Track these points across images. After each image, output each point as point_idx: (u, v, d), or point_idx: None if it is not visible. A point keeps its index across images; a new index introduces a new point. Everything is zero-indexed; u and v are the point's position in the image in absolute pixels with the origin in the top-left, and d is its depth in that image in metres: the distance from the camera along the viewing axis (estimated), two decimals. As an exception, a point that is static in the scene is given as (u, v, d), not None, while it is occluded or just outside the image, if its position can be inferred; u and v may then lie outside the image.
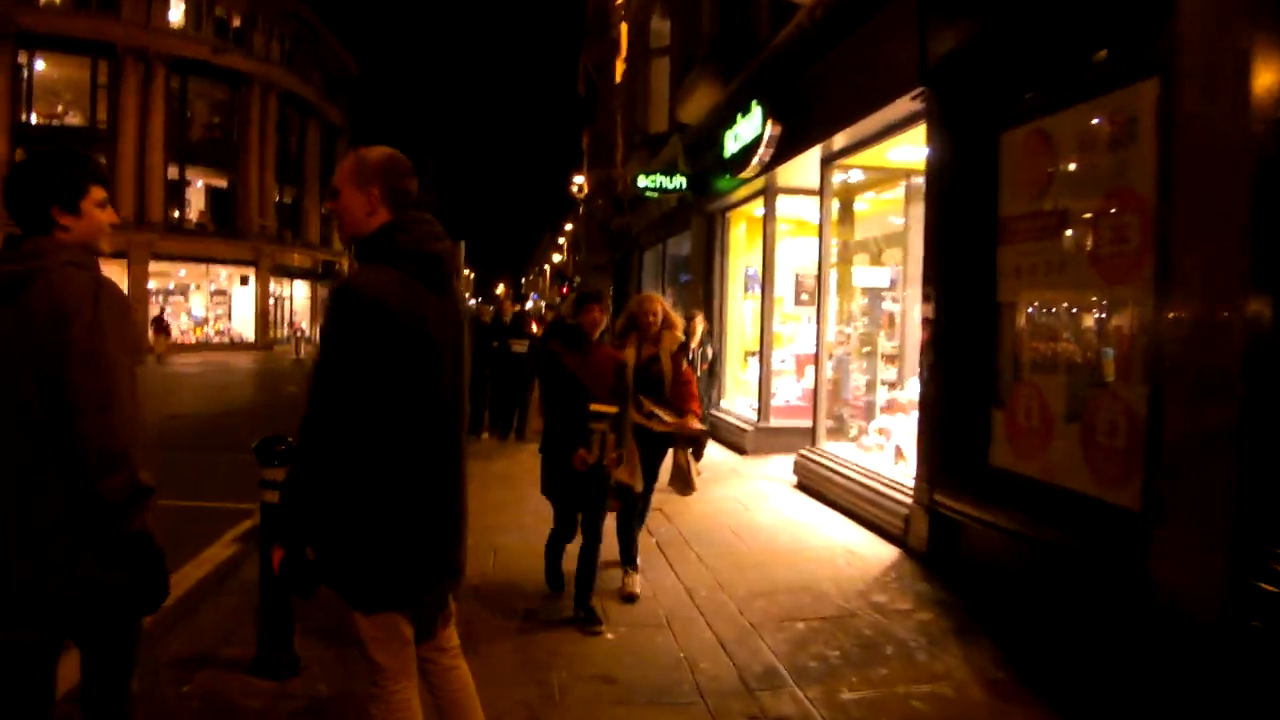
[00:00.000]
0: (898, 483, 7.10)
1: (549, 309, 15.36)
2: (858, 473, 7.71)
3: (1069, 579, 4.69)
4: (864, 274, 9.35)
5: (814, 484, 8.44)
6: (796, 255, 11.80)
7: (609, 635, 4.80)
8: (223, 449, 10.29)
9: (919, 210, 8.57)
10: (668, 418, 5.58)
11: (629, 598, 5.40)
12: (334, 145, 47.11)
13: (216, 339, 37.33)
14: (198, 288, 38.27)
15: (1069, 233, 5.13)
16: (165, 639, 4.35)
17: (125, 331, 2.39)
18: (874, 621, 4.97)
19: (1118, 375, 4.70)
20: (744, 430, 11.10)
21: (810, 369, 11.44)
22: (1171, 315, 4.06)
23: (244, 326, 38.40)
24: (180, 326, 35.89)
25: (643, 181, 13.19)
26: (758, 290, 12.86)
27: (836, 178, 9.08)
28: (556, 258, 66.72)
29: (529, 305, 42.36)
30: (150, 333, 31.82)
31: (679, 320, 6.02)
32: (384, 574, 2.47)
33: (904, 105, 6.75)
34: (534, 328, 12.95)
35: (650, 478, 5.78)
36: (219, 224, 37.80)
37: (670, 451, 5.84)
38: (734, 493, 8.61)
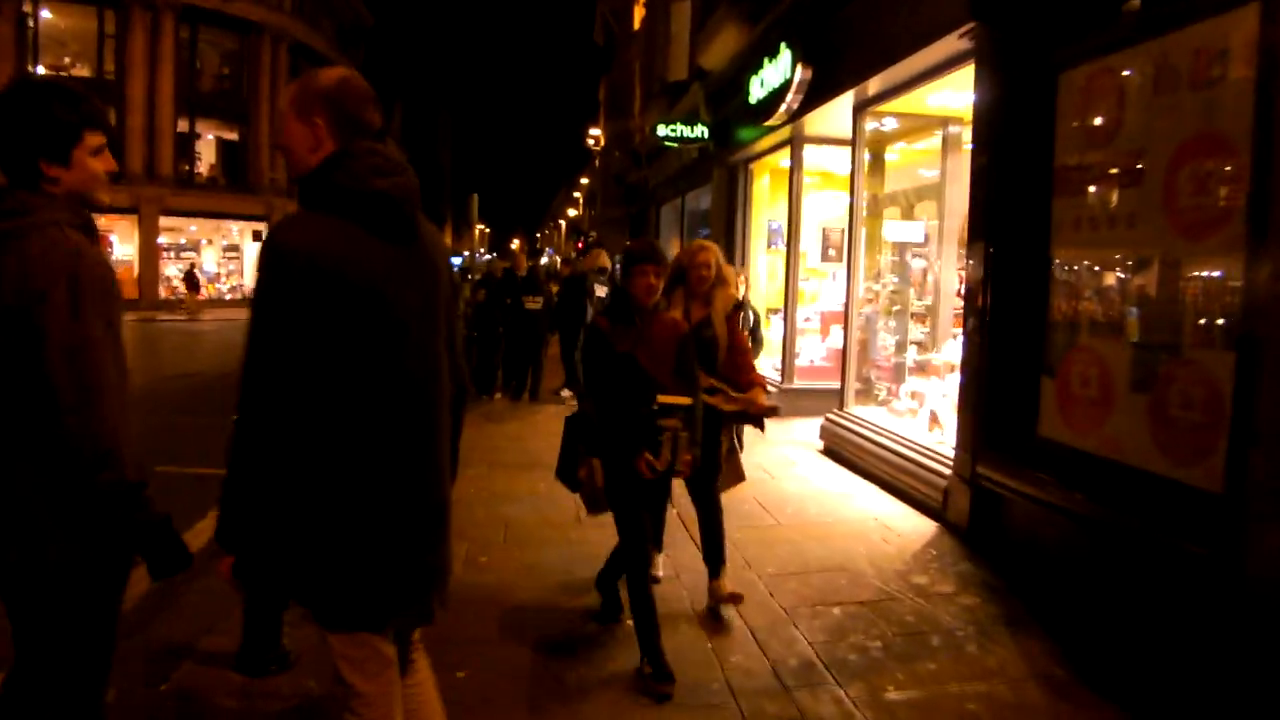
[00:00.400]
0: (935, 452, 6.67)
1: (565, 264, 14.90)
2: (891, 439, 7.28)
3: (1131, 564, 4.26)
4: (896, 228, 8.83)
5: (843, 450, 8.02)
6: (821, 209, 11.31)
7: (628, 621, 4.42)
8: (229, 410, 9.94)
9: (956, 161, 8.10)
10: (733, 393, 4.67)
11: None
12: (346, 97, 46.36)
13: (230, 295, 37.01)
14: (209, 243, 37.88)
15: (1139, 182, 4.63)
16: (146, 628, 4.00)
17: (108, 308, 2.09)
18: (916, 607, 4.57)
19: (1196, 340, 4.23)
20: (768, 391, 10.65)
21: (836, 328, 11.00)
22: (1268, 273, 3.58)
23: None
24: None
25: (662, 131, 12.64)
26: (781, 245, 12.37)
27: (869, 126, 8.54)
28: (572, 212, 66.09)
29: (543, 260, 41.87)
30: (183, 287, 32.23)
31: (734, 275, 5.11)
32: (353, 584, 2.07)
33: (950, 44, 6.20)
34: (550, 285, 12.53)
35: (712, 466, 4.79)
36: (230, 178, 37.29)
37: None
38: (758, 459, 8.19)
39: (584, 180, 54.22)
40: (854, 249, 8.54)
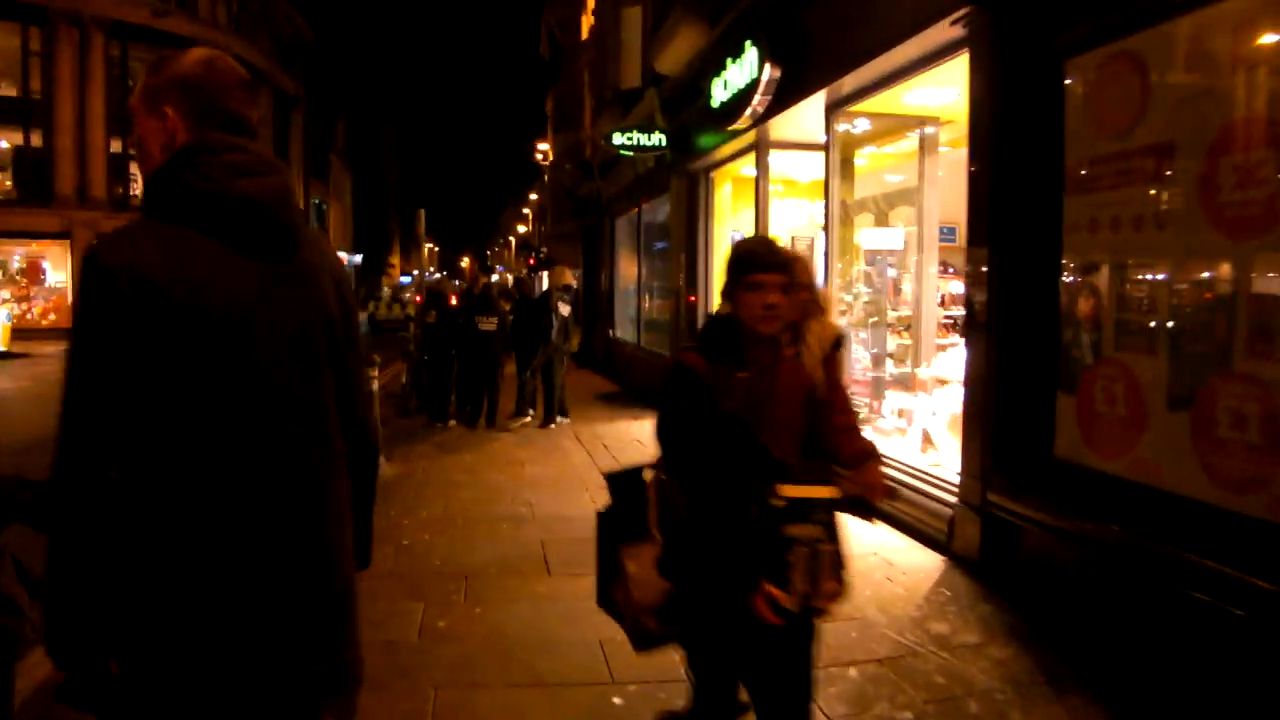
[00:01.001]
0: (935, 477, 6.16)
1: (515, 283, 14.31)
2: (889, 467, 6.74)
3: (1178, 603, 3.75)
4: (874, 236, 8.36)
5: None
6: (784, 218, 10.82)
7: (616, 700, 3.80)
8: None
9: (933, 164, 7.66)
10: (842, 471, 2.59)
11: None
12: (288, 116, 45.23)
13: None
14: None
15: (1169, 178, 4.15)
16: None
17: None
18: (943, 664, 4.01)
19: (1249, 353, 3.74)
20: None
21: (807, 342, 10.53)
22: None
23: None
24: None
25: (618, 139, 12.08)
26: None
27: (841, 127, 8.05)
28: (521, 229, 65.29)
29: (493, 278, 41.10)
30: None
31: (830, 301, 3.16)
32: (205, 703, 1.55)
33: (940, 33, 5.71)
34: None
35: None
36: (166, 199, 36.01)
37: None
38: (736, 485, 7.65)
39: (533, 196, 53.52)
40: (830, 257, 8.03)
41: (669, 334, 13.16)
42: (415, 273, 15.18)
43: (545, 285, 11.48)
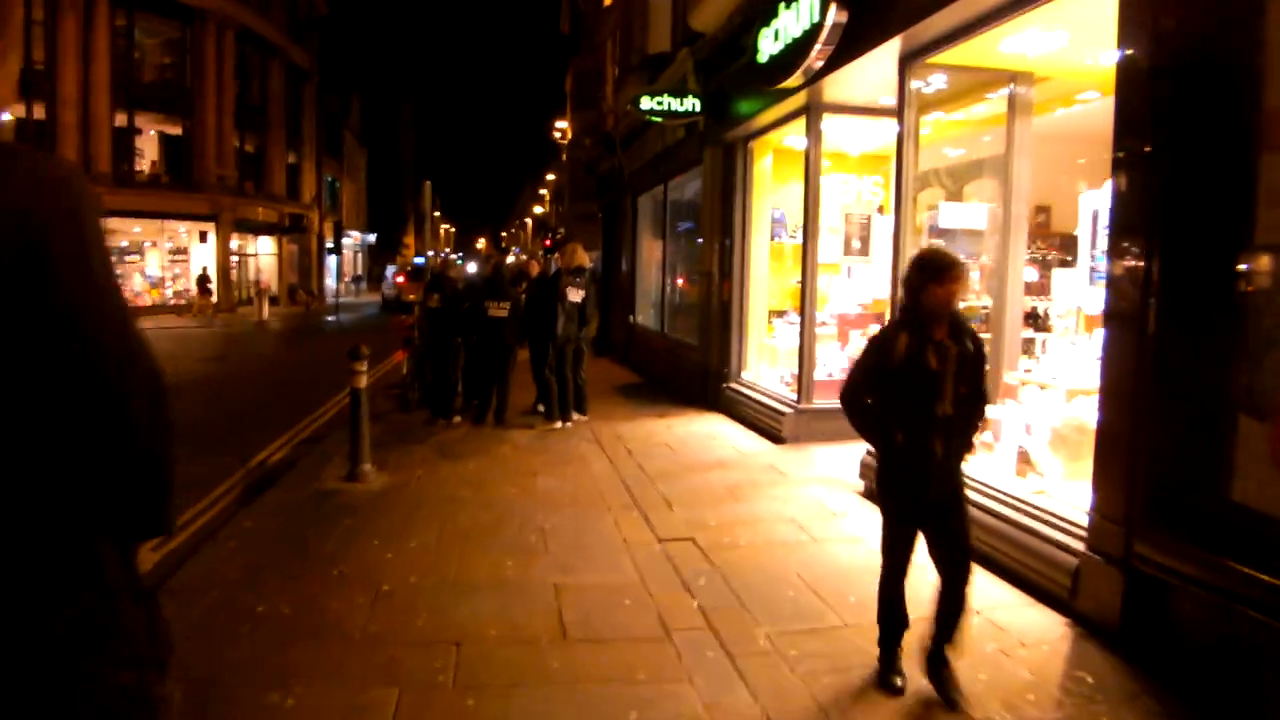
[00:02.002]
0: (1043, 510, 4.94)
1: (531, 259, 13.18)
2: (976, 492, 5.53)
3: None
4: (952, 213, 7.10)
5: (896, 496, 6.27)
6: (832, 195, 9.58)
7: None
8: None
9: (1025, 128, 6.41)
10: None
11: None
12: (300, 90, 44.11)
13: (175, 301, 34.68)
14: (153, 245, 35.50)
15: None
16: None
17: None
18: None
19: None
20: (780, 412, 8.91)
21: (858, 335, 9.29)
22: None
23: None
24: (134, 288, 33.28)
25: (646, 104, 10.82)
26: (785, 237, 10.64)
27: (915, 84, 6.80)
28: (538, 209, 64.08)
29: (509, 260, 39.93)
30: (196, 292, 31.93)
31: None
32: None
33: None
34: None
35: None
36: (174, 175, 34.93)
37: None
38: (785, 507, 6.45)
39: (551, 176, 52.25)
40: (901, 237, 6.80)
41: (698, 322, 11.95)
42: (430, 254, 13.96)
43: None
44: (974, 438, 3.73)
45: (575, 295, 9.43)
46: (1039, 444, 5.62)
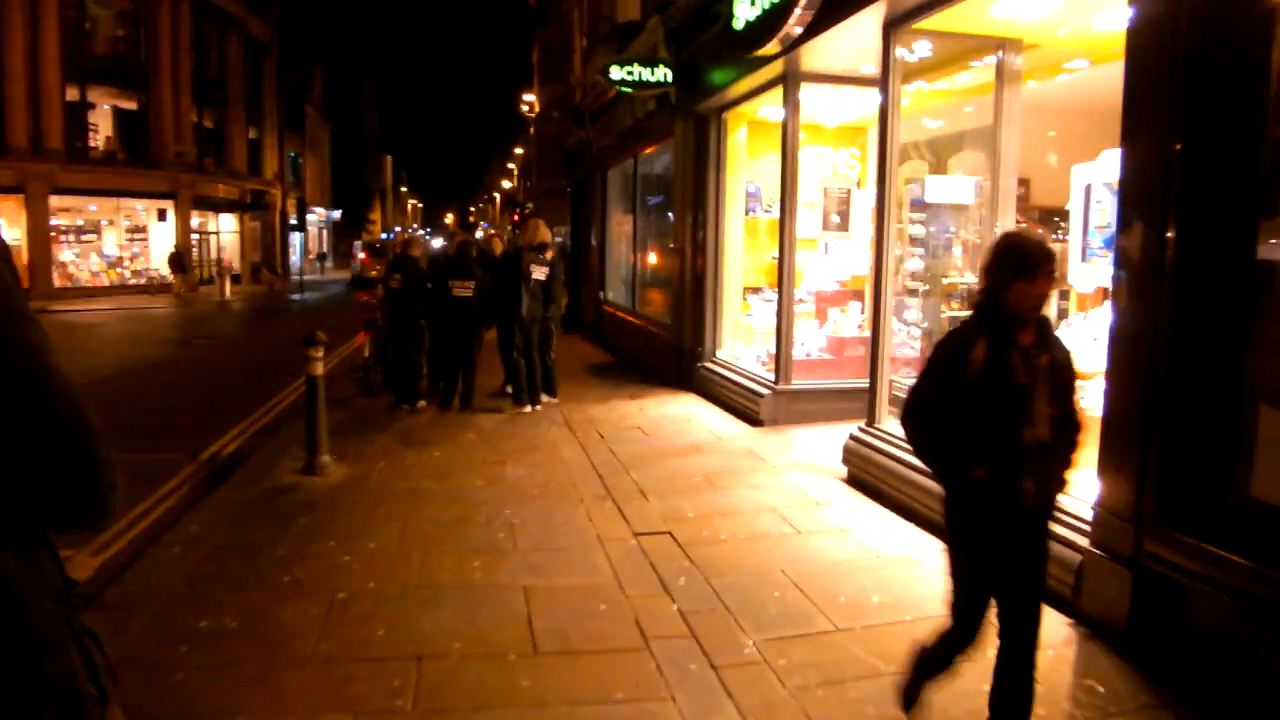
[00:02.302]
0: (1042, 502, 4.67)
1: (494, 236, 12.79)
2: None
3: None
4: (939, 186, 6.80)
5: (884, 484, 6.00)
6: (807, 169, 9.24)
7: None
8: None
9: (1015, 98, 6.11)
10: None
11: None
12: (260, 63, 42.97)
13: (133, 281, 33.76)
14: (110, 224, 34.47)
15: None
16: None
17: None
18: None
19: None
20: (757, 393, 8.61)
21: (835, 312, 9.02)
22: None
23: (164, 266, 34.86)
24: (91, 268, 32.37)
25: (616, 74, 10.40)
26: (760, 212, 10.32)
27: (899, 52, 6.47)
28: (506, 184, 63.23)
29: (478, 235, 39.29)
30: (169, 271, 31.62)
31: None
32: None
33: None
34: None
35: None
36: (130, 152, 33.87)
37: None
38: (766, 495, 6.16)
39: (518, 150, 51.48)
40: (887, 209, 6.49)
41: (671, 299, 11.62)
42: (398, 229, 13.47)
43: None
44: (1069, 473, 2.92)
45: (539, 273, 9.05)
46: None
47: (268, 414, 9.65)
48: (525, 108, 37.42)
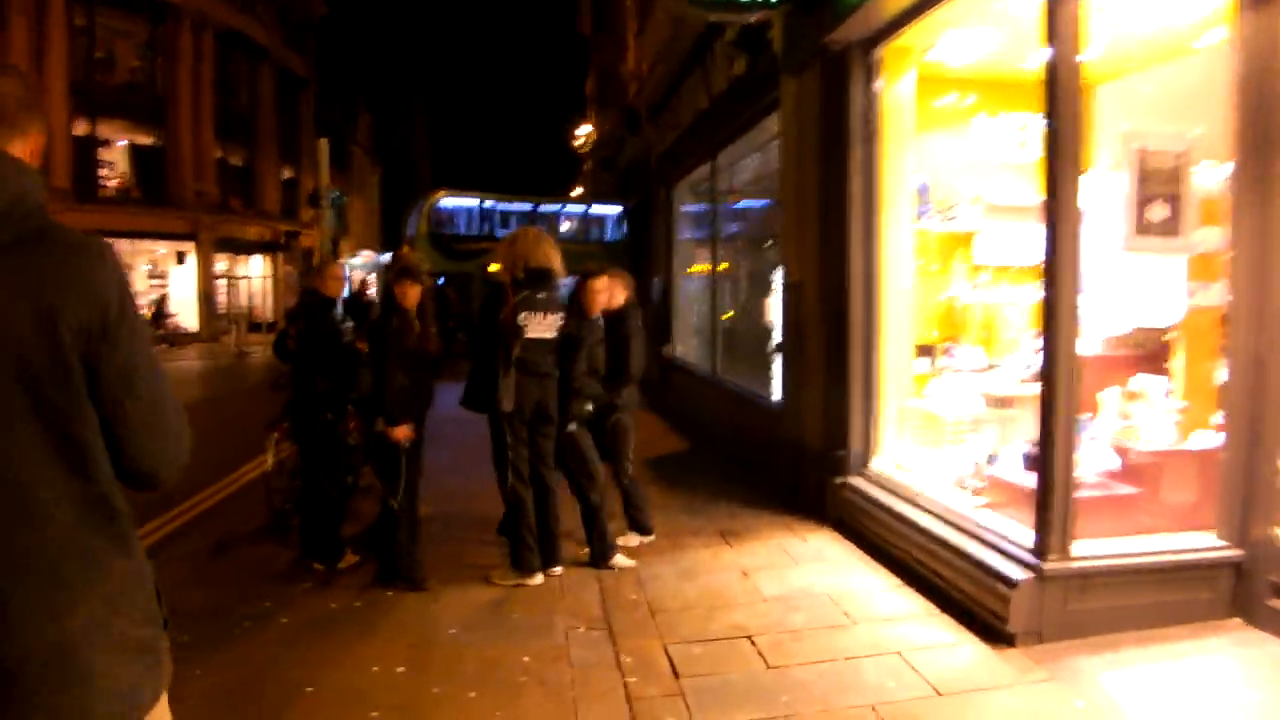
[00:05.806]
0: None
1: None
2: None
3: None
4: None
5: None
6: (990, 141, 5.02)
7: None
8: None
9: None
10: None
11: None
12: (297, 99, 40.17)
13: (158, 331, 30.63)
14: (129, 268, 31.53)
15: None
16: None
17: None
18: None
19: None
20: (994, 571, 4.23)
21: (1115, 395, 4.69)
22: None
23: (185, 313, 31.75)
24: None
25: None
26: (932, 220, 6.08)
27: None
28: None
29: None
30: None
31: None
32: None
33: None
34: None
35: None
36: (146, 191, 30.96)
37: None
38: None
39: (578, 191, 48.19)
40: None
41: (783, 364, 7.39)
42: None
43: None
44: None
45: (539, 328, 4.92)
46: None
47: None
48: (579, 141, 34.32)
